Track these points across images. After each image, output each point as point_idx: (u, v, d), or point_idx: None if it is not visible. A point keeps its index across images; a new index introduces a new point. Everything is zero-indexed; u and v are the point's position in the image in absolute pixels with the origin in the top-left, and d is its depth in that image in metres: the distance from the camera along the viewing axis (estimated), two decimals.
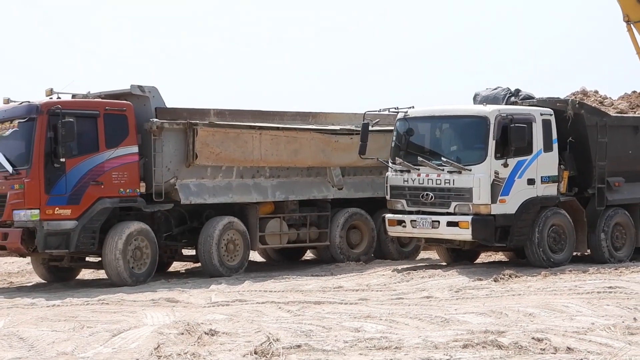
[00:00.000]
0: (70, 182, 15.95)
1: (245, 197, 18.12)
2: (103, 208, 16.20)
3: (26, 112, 16.01)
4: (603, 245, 18.06)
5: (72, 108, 16.24)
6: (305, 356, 8.84)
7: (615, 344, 9.31)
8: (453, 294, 14.00)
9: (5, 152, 16.07)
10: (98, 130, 16.41)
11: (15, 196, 15.65)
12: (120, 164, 16.57)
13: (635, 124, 19.36)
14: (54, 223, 15.64)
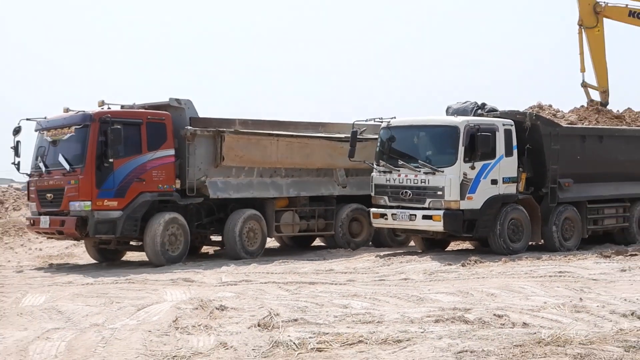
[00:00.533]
0: (117, 178, 16.25)
1: (264, 193, 18.37)
2: (144, 201, 16.50)
3: (81, 120, 16.31)
4: (554, 236, 18.11)
5: (120, 117, 16.58)
6: (301, 328, 8.84)
7: (564, 320, 9.34)
8: (427, 276, 13.97)
9: (63, 153, 16.42)
10: (141, 136, 16.66)
11: (71, 190, 16.04)
12: (159, 164, 16.81)
13: (582, 134, 19.42)
14: (103, 213, 16.03)
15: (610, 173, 19.50)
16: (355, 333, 8.50)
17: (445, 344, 7.93)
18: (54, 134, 16.83)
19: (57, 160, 16.58)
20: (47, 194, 16.61)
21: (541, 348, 7.69)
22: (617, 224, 19.72)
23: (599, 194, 19.17)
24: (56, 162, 16.60)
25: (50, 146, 16.90)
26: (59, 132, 16.72)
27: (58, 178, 16.48)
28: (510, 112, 18.32)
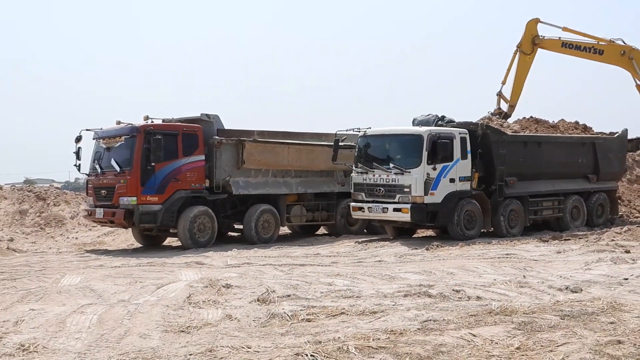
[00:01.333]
0: (158, 179, 16.71)
1: (277, 190, 18.68)
2: (179, 197, 16.99)
3: (130, 131, 16.82)
4: (502, 224, 18.14)
5: (161, 129, 17.03)
6: (293, 303, 8.80)
7: (510, 294, 9.34)
8: (397, 258, 13.95)
9: (115, 158, 16.97)
10: (178, 144, 17.10)
11: (121, 187, 16.59)
12: (192, 167, 17.26)
13: (524, 140, 19.45)
14: (146, 206, 16.56)
15: (547, 172, 19.56)
16: (338, 306, 8.47)
17: (413, 314, 7.91)
18: (107, 142, 17.35)
19: (110, 163, 17.08)
20: (102, 191, 17.17)
21: (492, 317, 7.69)
22: (554, 214, 19.78)
23: (538, 189, 19.23)
24: (109, 165, 17.10)
25: (104, 152, 17.41)
26: (112, 141, 17.24)
27: (110, 178, 16.99)
28: (465, 123, 18.34)
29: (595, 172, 20.67)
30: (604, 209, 21.04)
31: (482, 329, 7.18)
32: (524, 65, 28.10)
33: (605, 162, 20.91)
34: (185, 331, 7.41)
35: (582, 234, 17.95)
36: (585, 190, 20.52)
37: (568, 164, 20.14)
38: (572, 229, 19.48)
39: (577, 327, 7.17)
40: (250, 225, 17.90)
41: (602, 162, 20.80)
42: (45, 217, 22.09)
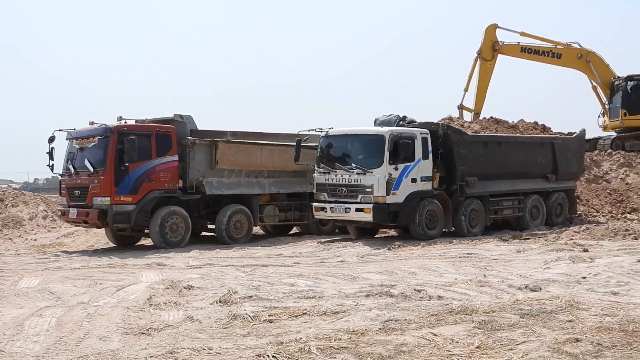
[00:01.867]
0: (132, 179, 16.73)
1: (250, 190, 18.69)
2: (153, 197, 17.02)
3: (103, 131, 16.80)
4: (463, 224, 18.27)
5: (134, 129, 17.07)
6: (255, 303, 8.79)
7: (470, 293, 9.42)
8: (359, 258, 13.99)
9: (88, 158, 16.91)
10: (151, 145, 17.10)
11: (95, 188, 16.59)
12: (165, 167, 17.27)
13: (485, 141, 19.62)
14: (120, 206, 16.57)
15: (508, 172, 19.74)
16: (300, 307, 8.47)
17: (374, 314, 7.94)
18: (81, 142, 17.32)
19: (83, 163, 17.03)
20: (76, 191, 17.19)
21: (452, 316, 7.75)
22: (514, 214, 19.97)
23: (498, 189, 19.41)
24: (83, 165, 17.06)
25: (78, 152, 17.39)
26: (85, 141, 17.21)
27: (84, 178, 16.98)
28: (426, 123, 18.44)
29: (554, 172, 20.94)
30: (563, 208, 21.33)
31: (443, 328, 7.24)
32: (486, 71, 28.49)
33: (563, 162, 21.21)
34: (146, 333, 7.35)
35: (542, 233, 18.17)
36: (545, 190, 20.78)
37: (528, 164, 20.38)
38: (531, 228, 19.69)
39: (536, 325, 7.27)
40: (220, 227, 17.91)
41: (561, 162, 21.10)
42: (3, 218, 21.72)
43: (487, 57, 28.38)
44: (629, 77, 28.53)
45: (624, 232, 16.76)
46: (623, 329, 7.03)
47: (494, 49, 28.48)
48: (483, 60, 28.37)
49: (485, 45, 28.39)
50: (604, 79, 29.12)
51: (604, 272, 10.93)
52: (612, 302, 8.53)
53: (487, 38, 28.43)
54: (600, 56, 29.10)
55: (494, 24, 28.68)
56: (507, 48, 28.76)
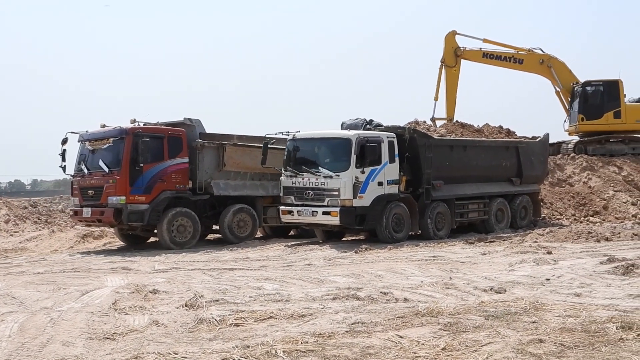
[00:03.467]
0: (145, 179, 17.32)
1: (254, 192, 19.24)
2: (165, 197, 17.61)
3: (119, 133, 17.36)
4: (429, 227, 18.39)
5: (148, 132, 17.61)
6: (222, 307, 8.75)
7: (436, 295, 9.48)
8: (327, 262, 14.00)
9: (103, 159, 17.44)
10: (164, 147, 17.79)
11: (110, 187, 17.09)
12: (176, 168, 17.95)
13: (451, 144, 19.78)
14: (134, 205, 17.12)
15: (473, 175, 19.93)
16: (267, 310, 8.45)
17: (341, 317, 7.95)
18: (94, 144, 17.82)
19: (97, 164, 17.55)
20: (89, 191, 17.60)
21: (418, 318, 7.78)
22: (479, 217, 20.16)
23: (464, 192, 19.58)
24: (96, 166, 17.55)
25: (90, 153, 17.87)
26: (99, 143, 17.72)
27: (98, 178, 17.42)
28: (392, 126, 18.54)
29: (519, 175, 21.19)
30: (527, 211, 21.58)
31: (409, 330, 7.27)
32: (452, 77, 28.83)
33: (528, 166, 21.47)
34: (111, 338, 7.27)
35: (507, 235, 18.35)
36: (509, 193, 21.01)
37: (493, 167, 20.59)
38: (496, 231, 19.90)
39: (501, 327, 7.33)
40: (225, 224, 18.53)
41: (525, 166, 21.35)
42: None
43: (451, 64, 28.77)
44: (586, 83, 28.94)
45: (587, 235, 17.00)
46: (585, 329, 7.13)
47: (456, 55, 28.83)
48: (447, 68, 28.75)
49: (447, 52, 28.83)
50: (566, 84, 29.50)
51: (567, 274, 11.07)
52: (574, 304, 8.64)
53: (448, 45, 28.89)
54: (562, 61, 29.49)
55: (452, 30, 29.15)
56: (469, 53, 29.15)
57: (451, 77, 28.80)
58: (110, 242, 19.82)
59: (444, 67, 28.82)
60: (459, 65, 28.97)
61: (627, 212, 23.95)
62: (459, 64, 28.99)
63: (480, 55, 29.33)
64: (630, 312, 7.91)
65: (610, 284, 10.19)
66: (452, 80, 28.83)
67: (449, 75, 28.76)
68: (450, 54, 28.76)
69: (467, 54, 29.05)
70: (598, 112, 28.62)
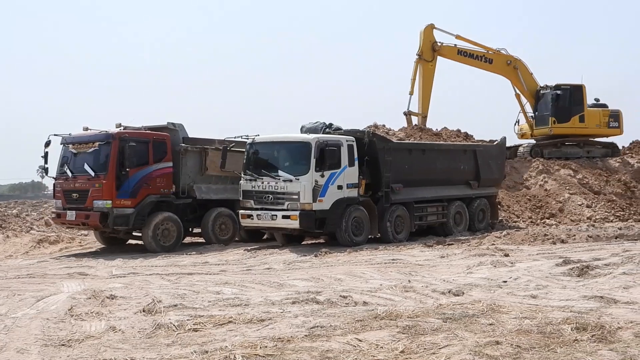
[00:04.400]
0: (131, 183, 17.46)
1: (235, 195, 18.80)
2: (150, 201, 17.78)
3: (105, 137, 17.45)
4: (389, 230, 18.47)
5: (134, 136, 17.72)
6: (180, 312, 8.69)
7: (395, 298, 9.53)
8: (286, 266, 13.99)
9: (88, 163, 17.48)
10: (149, 151, 17.92)
11: (96, 191, 17.16)
12: (161, 173, 18.13)
13: (409, 148, 19.94)
14: (120, 209, 17.22)
15: (432, 179, 20.08)
16: (226, 315, 8.42)
17: (300, 321, 7.95)
18: (78, 147, 17.87)
19: (81, 167, 17.58)
20: (73, 194, 17.65)
21: (377, 322, 7.82)
22: (438, 220, 20.31)
23: (423, 195, 19.71)
24: (81, 169, 17.60)
25: (73, 157, 17.95)
26: (83, 146, 17.75)
27: (83, 182, 17.51)
28: (352, 130, 18.59)
29: (477, 179, 21.42)
30: (485, 214, 21.82)
31: (368, 333, 7.30)
32: (428, 73, 28.24)
33: (485, 169, 21.72)
34: (67, 345, 7.17)
35: (465, 238, 18.55)
36: (468, 196, 21.22)
37: (451, 171, 20.79)
38: (455, 233, 20.07)
39: (459, 329, 7.41)
40: (208, 227, 18.76)
41: (483, 169, 21.59)
42: None
43: (428, 59, 28.06)
44: (557, 87, 29.31)
45: (543, 237, 17.26)
46: (541, 331, 7.23)
47: (434, 50, 28.32)
48: (424, 62, 28.03)
49: (425, 46, 28.01)
50: (530, 87, 29.77)
51: (524, 276, 11.23)
52: (531, 305, 8.77)
53: (426, 39, 28.07)
54: (525, 64, 29.75)
55: (430, 24, 28.28)
56: (446, 49, 28.53)
57: (427, 72, 28.05)
58: (67, 248, 19.53)
59: (420, 61, 28.22)
60: (435, 61, 28.47)
61: (582, 215, 24.40)
62: (436, 59, 28.45)
63: (455, 52, 28.75)
64: (584, 314, 8.05)
65: (566, 285, 10.36)
66: (428, 76, 28.10)
67: (426, 70, 27.98)
68: (428, 48, 28.03)
69: (444, 50, 28.27)
70: (567, 116, 29.09)
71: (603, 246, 15.51)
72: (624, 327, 7.29)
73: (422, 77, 28.05)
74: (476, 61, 29.23)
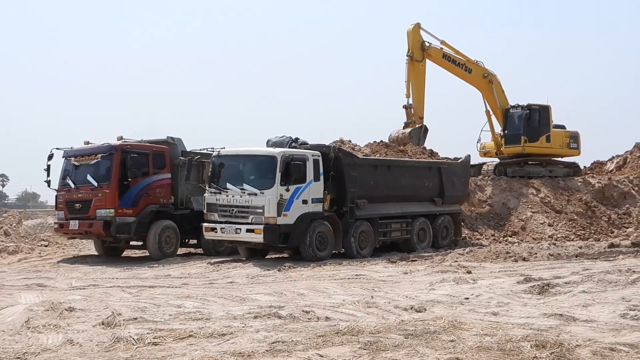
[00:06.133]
0: (133, 193, 18.40)
1: None
2: (150, 210, 18.71)
3: (107, 149, 18.38)
4: (353, 246, 18.50)
5: (135, 149, 18.69)
6: (140, 326, 8.57)
7: (358, 314, 9.51)
8: (249, 280, 13.91)
9: (91, 174, 18.35)
10: (149, 163, 18.90)
11: (99, 201, 18.06)
12: (160, 184, 19.07)
13: (375, 164, 20.00)
14: (122, 218, 18.13)
15: (396, 195, 20.17)
16: (186, 329, 8.33)
17: (262, 336, 7.90)
18: (80, 160, 18.73)
19: (84, 179, 18.44)
20: (76, 204, 18.50)
21: (339, 337, 7.80)
22: (402, 236, 20.38)
23: (387, 211, 19.78)
24: (83, 180, 18.46)
25: (75, 169, 18.79)
26: (85, 158, 18.63)
27: (86, 192, 18.38)
28: (318, 145, 18.63)
29: (441, 196, 21.55)
30: (449, 231, 21.96)
31: (330, 349, 7.27)
32: (419, 73, 27.58)
33: (450, 186, 21.87)
34: (22, 358, 7.04)
35: (428, 255, 18.62)
36: (432, 213, 21.33)
37: (416, 187, 20.90)
38: (418, 250, 20.15)
39: (420, 345, 7.41)
40: (205, 240, 18.86)
41: (447, 186, 21.74)
42: None
43: (419, 58, 27.39)
44: (529, 106, 29.59)
45: (505, 255, 17.42)
46: (501, 348, 7.27)
47: (423, 49, 27.89)
48: (415, 63, 27.24)
49: (414, 46, 27.14)
50: (501, 104, 29.89)
51: (486, 293, 11.29)
52: (492, 322, 8.81)
53: (414, 38, 27.35)
54: (499, 81, 29.87)
55: (417, 23, 27.77)
56: (433, 50, 27.69)
57: (419, 72, 27.40)
58: (26, 258, 19.24)
59: (411, 62, 27.37)
60: (425, 61, 28.12)
61: (544, 233, 24.67)
62: (425, 59, 28.13)
63: (441, 55, 28.10)
64: (544, 331, 8.11)
65: (527, 303, 10.44)
66: (419, 76, 27.42)
67: (417, 71, 27.37)
68: (417, 48, 27.20)
69: (431, 51, 27.86)
70: (536, 135, 29.41)
71: (564, 264, 15.67)
72: (582, 345, 7.36)
73: (414, 79, 27.54)
74: (458, 68, 28.89)
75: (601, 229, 26.02)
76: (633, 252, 18.35)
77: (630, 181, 29.25)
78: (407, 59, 27.58)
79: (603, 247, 20.15)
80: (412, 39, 27.58)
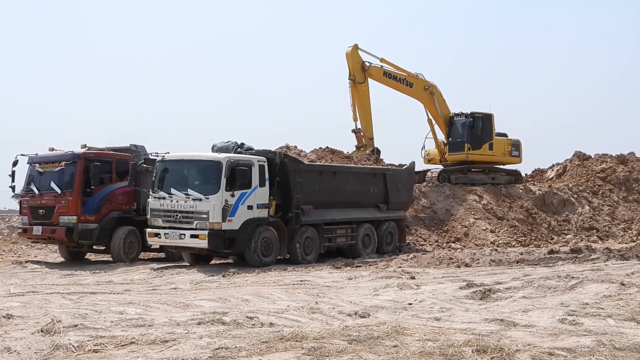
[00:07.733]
0: (95, 200, 18.68)
1: None
2: (113, 217, 18.94)
3: (71, 157, 18.67)
4: (298, 252, 18.49)
5: (98, 157, 19.09)
6: (80, 333, 8.43)
7: (302, 320, 9.52)
8: (193, 286, 13.79)
9: (54, 181, 18.61)
10: (112, 171, 19.22)
11: (62, 207, 18.38)
12: (123, 191, 19.31)
13: (320, 170, 20.05)
14: (85, 224, 18.41)
15: (342, 201, 20.24)
16: (128, 335, 8.22)
17: (205, 342, 7.84)
18: (45, 167, 18.97)
19: (48, 185, 18.70)
20: (40, 210, 18.77)
21: (283, 343, 7.79)
22: (347, 242, 20.43)
23: (332, 217, 19.83)
24: (47, 187, 18.71)
25: (39, 175, 19.04)
26: (49, 165, 18.88)
27: (49, 198, 18.64)
28: (263, 151, 18.60)
29: (386, 202, 21.71)
30: (393, 237, 22.10)
31: (273, 355, 7.27)
32: (363, 94, 27.94)
33: (394, 193, 22.04)
34: None
35: (373, 261, 18.73)
36: (376, 219, 21.46)
37: (361, 194, 21.01)
38: (363, 256, 20.24)
39: (363, 351, 7.45)
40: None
41: (392, 192, 21.91)
42: None
43: (361, 80, 27.71)
44: (472, 114, 30.08)
45: (448, 261, 17.65)
46: (443, 353, 7.36)
47: (363, 70, 28.14)
48: (358, 85, 27.70)
49: (354, 68, 27.53)
50: (443, 113, 30.38)
51: (429, 299, 11.42)
52: (434, 328, 8.92)
53: (354, 60, 27.70)
54: (440, 91, 30.35)
55: (354, 45, 28.04)
56: (374, 70, 28.04)
57: (363, 94, 27.86)
58: None
59: (354, 85, 27.78)
60: (367, 81, 28.31)
61: (486, 239, 25.08)
62: (367, 80, 28.32)
63: (382, 73, 28.43)
64: (485, 336, 8.24)
65: (469, 308, 10.60)
66: (364, 98, 27.90)
67: (361, 93, 27.81)
68: (358, 70, 27.67)
69: (372, 70, 28.22)
70: (479, 143, 29.92)
71: (505, 270, 15.95)
72: (522, 349, 7.50)
73: (359, 101, 27.85)
74: (399, 84, 29.32)
75: (541, 236, 26.61)
76: (572, 258, 18.82)
77: (569, 189, 30.00)
78: (349, 82, 27.94)
79: (543, 254, 20.57)
80: (351, 62, 27.91)
